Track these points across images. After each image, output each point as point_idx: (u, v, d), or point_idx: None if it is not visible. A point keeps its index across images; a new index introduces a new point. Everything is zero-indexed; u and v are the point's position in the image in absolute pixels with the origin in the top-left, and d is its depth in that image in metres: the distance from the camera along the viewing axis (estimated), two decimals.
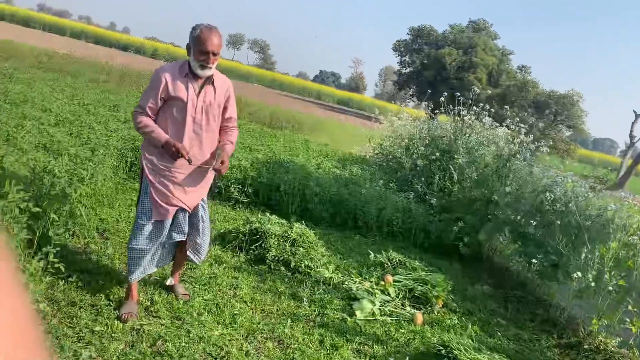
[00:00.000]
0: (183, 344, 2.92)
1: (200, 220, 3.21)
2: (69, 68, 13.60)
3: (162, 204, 3.00)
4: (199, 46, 2.88)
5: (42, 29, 46.69)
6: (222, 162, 3.13)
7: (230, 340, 3.08)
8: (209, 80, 3.03)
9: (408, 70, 45.76)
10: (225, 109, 3.19)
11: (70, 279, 3.25)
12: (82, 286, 3.25)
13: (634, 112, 25.66)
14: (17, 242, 2.60)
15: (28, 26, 45.58)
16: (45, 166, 4.19)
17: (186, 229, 3.16)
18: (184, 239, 3.19)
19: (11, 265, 0.37)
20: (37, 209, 3.36)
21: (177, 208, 3.06)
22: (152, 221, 3.03)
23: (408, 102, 52.87)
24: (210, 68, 2.95)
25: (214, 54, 2.91)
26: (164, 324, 3.09)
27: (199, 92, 3.00)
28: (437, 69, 40.29)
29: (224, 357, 2.91)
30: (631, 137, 25.74)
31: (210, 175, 3.22)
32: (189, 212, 3.14)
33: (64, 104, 7.51)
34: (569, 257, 4.34)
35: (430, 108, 9.79)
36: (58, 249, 3.34)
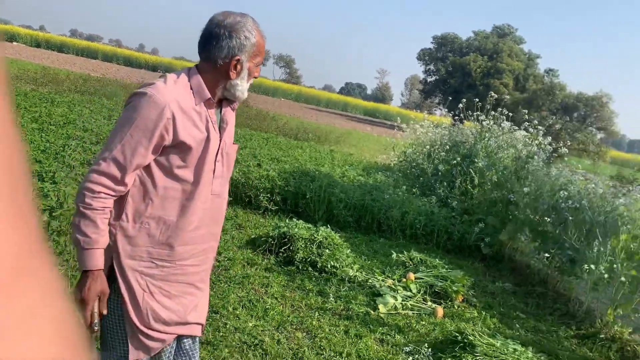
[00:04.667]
0: (221, 334, 3.24)
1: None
2: (103, 90, 14.30)
3: (152, 328, 1.71)
4: (258, 55, 1.73)
5: (75, 53, 48.52)
6: None
7: (262, 330, 3.39)
8: (229, 101, 1.81)
9: (433, 78, 45.98)
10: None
11: None
12: None
13: None
14: None
15: (62, 51, 47.45)
16: None
17: None
18: None
19: (54, 273, 0.34)
20: None
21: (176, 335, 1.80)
22: None
23: (435, 110, 52.86)
24: None
25: None
26: None
27: (220, 125, 1.78)
28: (462, 76, 40.37)
29: (258, 345, 3.22)
30: None
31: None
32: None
33: (102, 124, 8.02)
34: (584, 252, 4.52)
35: (453, 115, 10.03)
36: None
